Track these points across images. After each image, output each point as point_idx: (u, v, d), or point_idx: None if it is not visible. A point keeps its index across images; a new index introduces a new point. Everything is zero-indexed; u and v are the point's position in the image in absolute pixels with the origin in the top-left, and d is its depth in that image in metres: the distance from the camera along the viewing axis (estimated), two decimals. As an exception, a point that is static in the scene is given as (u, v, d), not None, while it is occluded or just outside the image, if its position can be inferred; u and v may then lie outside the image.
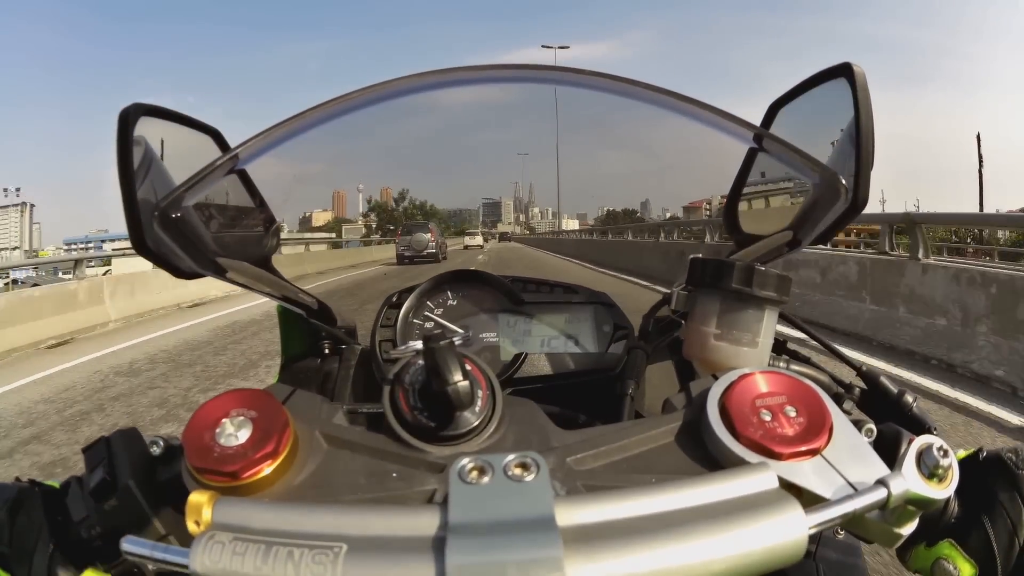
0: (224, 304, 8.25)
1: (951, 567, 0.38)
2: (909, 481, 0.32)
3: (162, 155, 0.53)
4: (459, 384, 0.36)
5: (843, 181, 0.50)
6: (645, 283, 8.15)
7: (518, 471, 0.30)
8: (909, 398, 0.51)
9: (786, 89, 0.62)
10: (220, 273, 0.53)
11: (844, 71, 0.54)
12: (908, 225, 4.98)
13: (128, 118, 0.49)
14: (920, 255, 4.71)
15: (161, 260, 0.48)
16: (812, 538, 0.29)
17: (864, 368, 0.54)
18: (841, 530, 0.41)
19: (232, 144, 0.58)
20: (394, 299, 0.73)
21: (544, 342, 0.70)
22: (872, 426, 0.40)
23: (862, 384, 0.54)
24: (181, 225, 0.49)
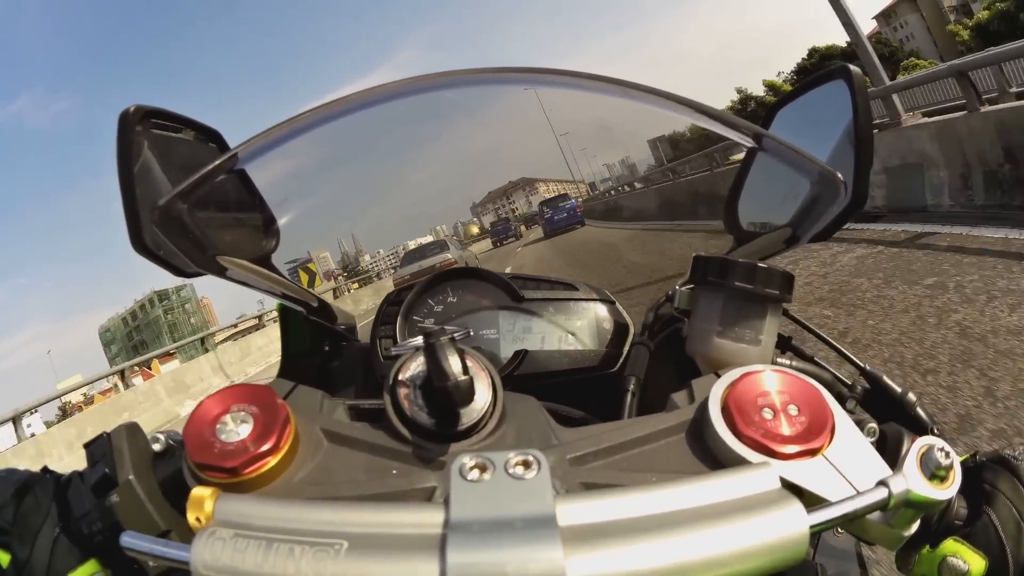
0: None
1: (960, 562, 0.38)
2: (911, 482, 0.32)
3: (162, 156, 0.53)
4: (460, 380, 0.36)
5: (842, 179, 0.50)
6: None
7: (519, 469, 0.30)
8: (912, 398, 0.51)
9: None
10: (220, 271, 0.54)
11: (843, 73, 0.55)
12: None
13: (128, 119, 0.49)
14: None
15: (159, 259, 0.48)
16: (813, 538, 0.29)
17: (867, 367, 0.54)
18: (841, 530, 0.40)
19: (231, 145, 0.58)
20: (394, 296, 0.73)
21: (544, 339, 0.70)
22: (874, 426, 0.40)
23: (865, 383, 0.54)
24: (180, 225, 0.49)
